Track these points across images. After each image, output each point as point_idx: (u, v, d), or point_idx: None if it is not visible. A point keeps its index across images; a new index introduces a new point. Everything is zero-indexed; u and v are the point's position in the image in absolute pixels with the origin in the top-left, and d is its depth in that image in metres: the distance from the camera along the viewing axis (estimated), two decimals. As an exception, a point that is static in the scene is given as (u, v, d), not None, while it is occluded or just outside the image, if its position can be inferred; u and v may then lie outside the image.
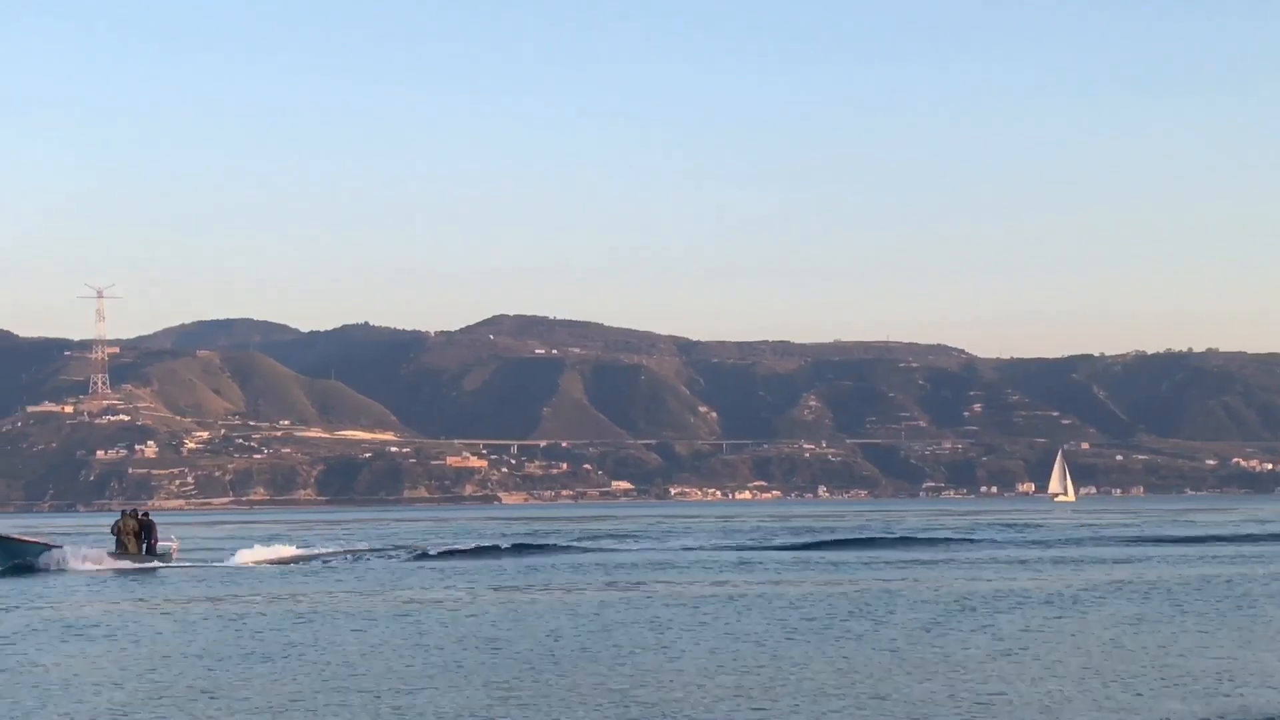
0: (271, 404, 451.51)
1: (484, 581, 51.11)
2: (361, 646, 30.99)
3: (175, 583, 53.16)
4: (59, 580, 55.00)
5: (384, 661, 28.44)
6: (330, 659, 28.90)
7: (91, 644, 32.30)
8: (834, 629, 33.62)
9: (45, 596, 47.08)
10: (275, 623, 36.62)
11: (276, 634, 33.87)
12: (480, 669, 27.17)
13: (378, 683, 25.52)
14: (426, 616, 37.63)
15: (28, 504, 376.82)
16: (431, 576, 54.31)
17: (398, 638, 32.72)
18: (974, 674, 25.85)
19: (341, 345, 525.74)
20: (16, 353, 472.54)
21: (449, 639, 32.30)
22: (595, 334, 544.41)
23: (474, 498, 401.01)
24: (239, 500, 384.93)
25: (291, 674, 26.78)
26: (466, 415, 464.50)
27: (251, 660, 28.97)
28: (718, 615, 37.13)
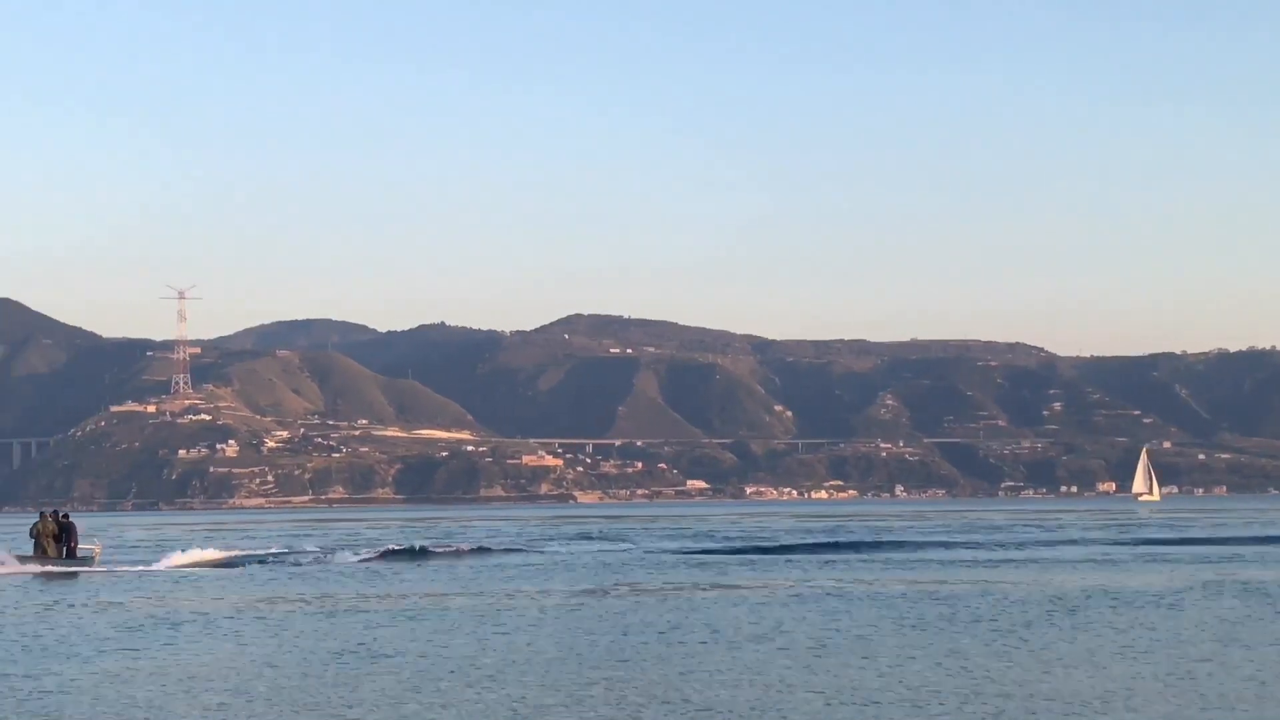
0: (350, 403, 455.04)
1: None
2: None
3: (85, 587, 50.44)
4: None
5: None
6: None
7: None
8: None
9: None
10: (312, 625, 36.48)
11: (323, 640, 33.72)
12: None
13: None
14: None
15: (111, 503, 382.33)
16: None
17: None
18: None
19: (418, 345, 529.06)
20: (100, 353, 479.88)
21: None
22: (670, 333, 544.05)
23: (549, 496, 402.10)
24: (318, 499, 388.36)
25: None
26: (542, 414, 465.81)
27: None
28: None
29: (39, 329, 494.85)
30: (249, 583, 52.35)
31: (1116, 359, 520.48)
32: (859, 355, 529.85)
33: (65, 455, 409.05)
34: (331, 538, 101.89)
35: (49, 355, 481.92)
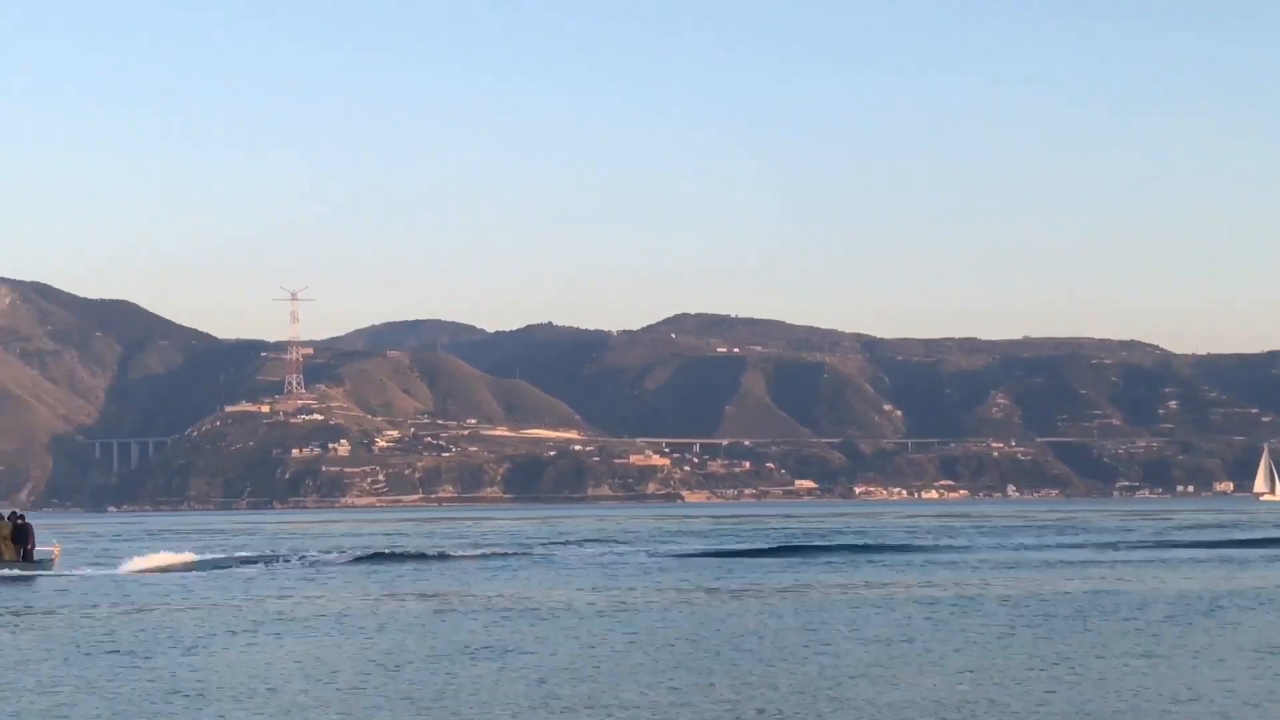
0: (459, 403, 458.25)
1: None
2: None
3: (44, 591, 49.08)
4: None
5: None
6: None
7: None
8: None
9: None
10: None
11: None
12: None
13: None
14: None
15: (226, 501, 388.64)
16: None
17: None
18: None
19: (526, 345, 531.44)
20: (216, 354, 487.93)
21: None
22: (777, 332, 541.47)
23: (657, 496, 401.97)
24: (428, 498, 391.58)
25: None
26: (649, 414, 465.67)
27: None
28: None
29: (156, 331, 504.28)
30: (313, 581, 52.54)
31: (1233, 356, 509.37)
32: (970, 353, 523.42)
33: (181, 455, 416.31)
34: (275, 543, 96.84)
35: (166, 357, 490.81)
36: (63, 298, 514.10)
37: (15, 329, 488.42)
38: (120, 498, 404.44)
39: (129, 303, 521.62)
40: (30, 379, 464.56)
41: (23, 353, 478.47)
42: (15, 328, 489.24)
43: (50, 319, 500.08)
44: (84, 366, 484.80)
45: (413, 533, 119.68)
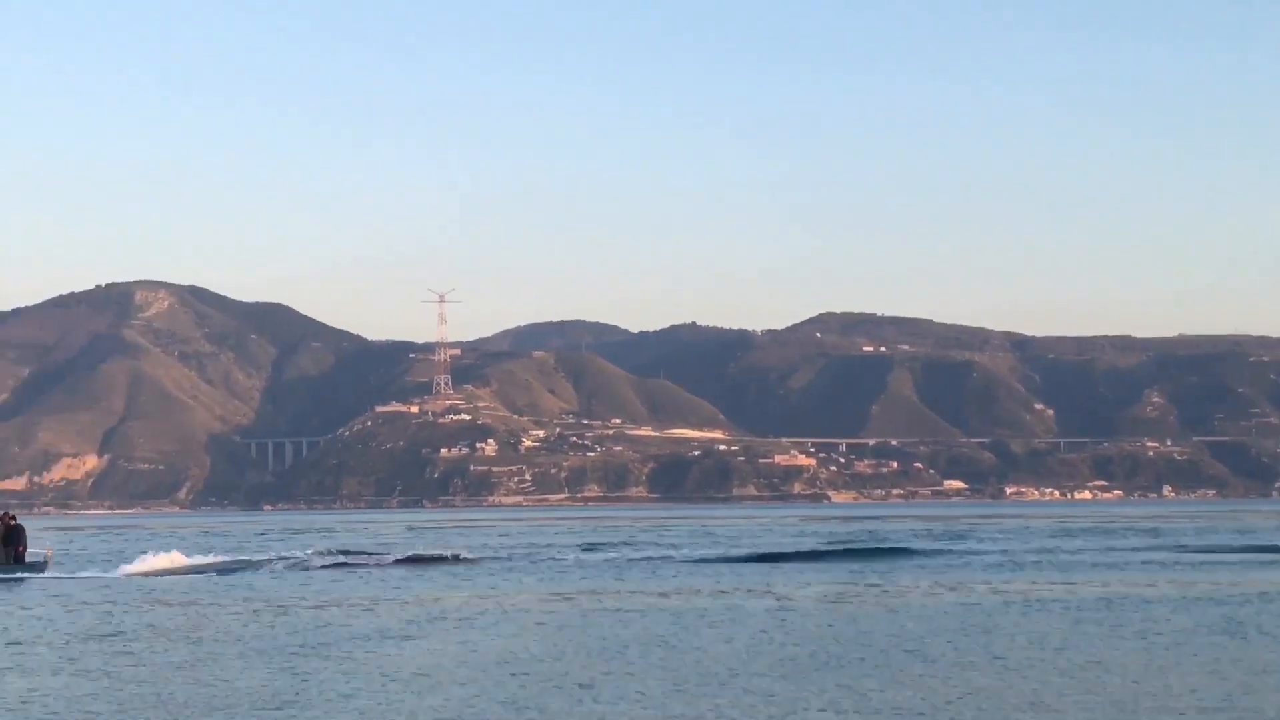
0: (603, 403, 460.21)
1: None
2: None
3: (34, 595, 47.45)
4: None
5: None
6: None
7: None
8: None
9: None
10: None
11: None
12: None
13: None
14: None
15: (377, 500, 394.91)
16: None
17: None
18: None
19: (670, 345, 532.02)
20: (366, 355, 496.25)
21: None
22: (924, 330, 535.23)
23: (803, 496, 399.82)
24: (573, 497, 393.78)
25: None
26: (793, 413, 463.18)
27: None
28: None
29: (308, 333, 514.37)
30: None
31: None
32: (1123, 351, 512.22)
33: (334, 454, 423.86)
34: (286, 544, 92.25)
35: (318, 358, 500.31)
36: (219, 301, 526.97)
37: (174, 332, 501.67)
38: (275, 496, 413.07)
39: (283, 305, 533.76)
40: (189, 380, 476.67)
41: (181, 355, 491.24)
42: (174, 330, 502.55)
43: (207, 322, 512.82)
44: (240, 368, 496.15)
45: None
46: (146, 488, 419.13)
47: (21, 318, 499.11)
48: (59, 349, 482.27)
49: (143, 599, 45.02)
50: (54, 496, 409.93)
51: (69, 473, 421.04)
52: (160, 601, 43.80)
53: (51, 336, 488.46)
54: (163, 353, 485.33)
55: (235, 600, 43.89)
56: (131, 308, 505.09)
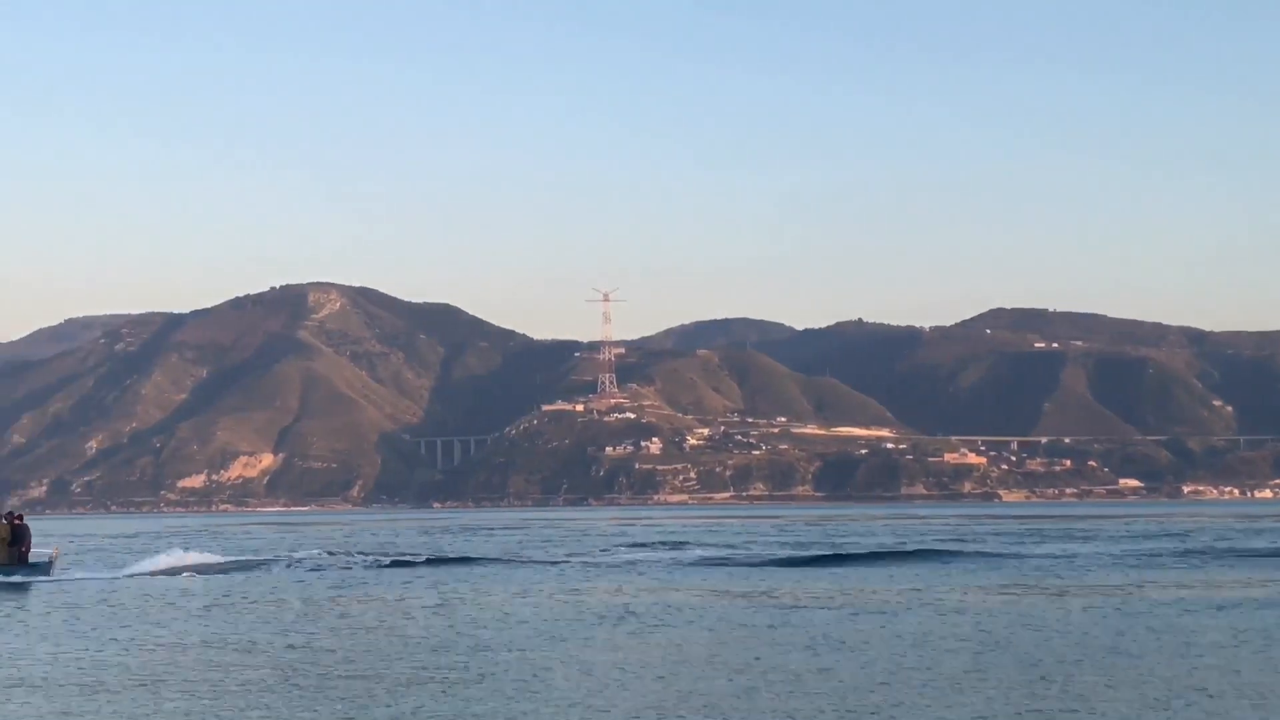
0: (768, 401, 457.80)
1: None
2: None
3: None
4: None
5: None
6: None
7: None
8: None
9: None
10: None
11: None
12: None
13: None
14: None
15: (544, 498, 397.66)
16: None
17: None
18: None
19: (836, 342, 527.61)
20: (532, 354, 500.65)
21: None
22: (1098, 326, 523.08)
23: (973, 495, 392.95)
24: (739, 496, 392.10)
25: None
26: (963, 411, 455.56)
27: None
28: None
29: (475, 333, 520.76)
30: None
31: None
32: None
33: (501, 453, 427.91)
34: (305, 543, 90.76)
35: (485, 357, 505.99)
36: (389, 302, 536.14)
37: (346, 332, 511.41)
38: (445, 494, 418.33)
39: (451, 306, 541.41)
40: (360, 380, 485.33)
41: (352, 355, 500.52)
42: (345, 331, 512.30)
43: (378, 323, 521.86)
44: (409, 367, 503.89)
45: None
46: (320, 486, 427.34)
47: (200, 319, 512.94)
48: (235, 350, 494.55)
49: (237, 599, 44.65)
50: (231, 494, 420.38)
51: (245, 471, 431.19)
52: (280, 602, 43.32)
53: (228, 338, 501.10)
54: (335, 353, 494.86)
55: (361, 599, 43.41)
56: (305, 309, 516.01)
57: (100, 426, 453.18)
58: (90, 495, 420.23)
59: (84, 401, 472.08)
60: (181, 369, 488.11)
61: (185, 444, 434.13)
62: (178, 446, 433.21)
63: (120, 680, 25.74)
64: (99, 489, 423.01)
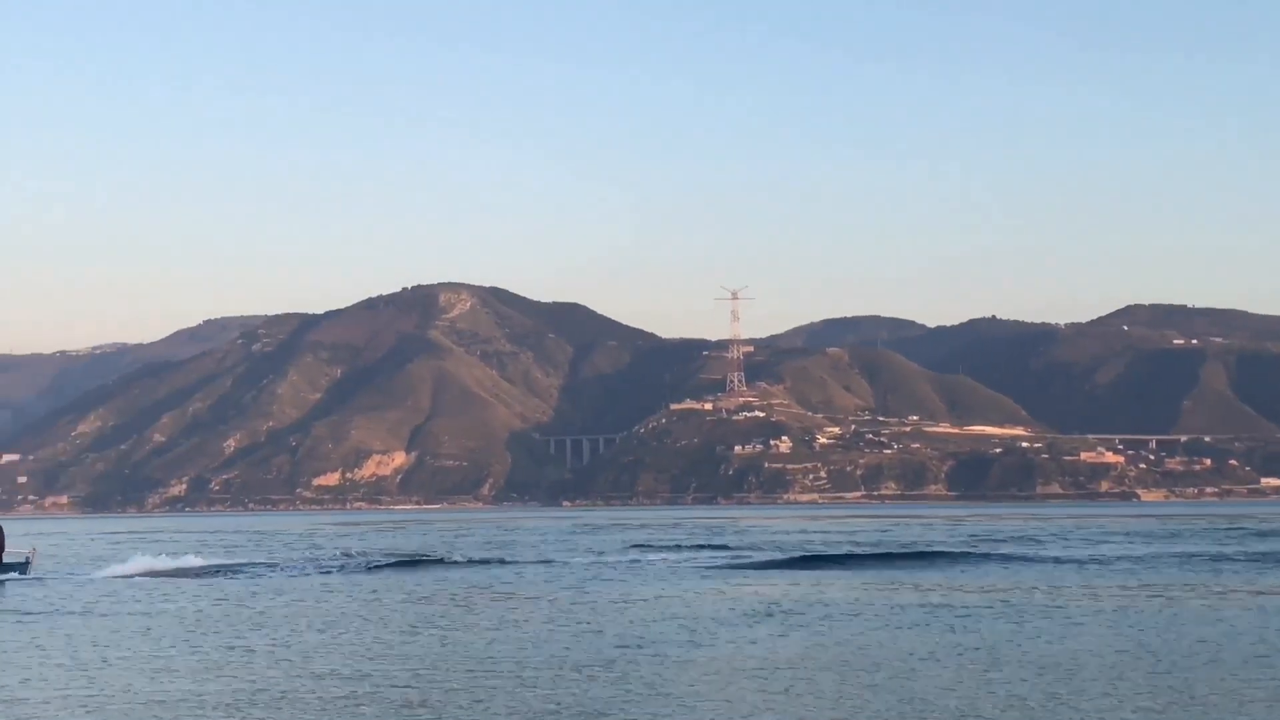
0: (900, 400, 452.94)
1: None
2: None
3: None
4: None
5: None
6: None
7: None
8: None
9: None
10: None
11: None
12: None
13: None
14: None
15: (673, 497, 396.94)
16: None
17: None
18: None
19: (969, 340, 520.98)
20: (660, 353, 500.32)
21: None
22: (1239, 322, 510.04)
23: (1110, 494, 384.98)
24: (870, 495, 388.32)
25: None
26: (1100, 409, 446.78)
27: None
28: None
29: (604, 332, 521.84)
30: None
31: None
32: None
33: (630, 451, 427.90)
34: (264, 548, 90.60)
35: (613, 356, 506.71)
36: (519, 302, 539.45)
37: (476, 332, 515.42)
38: (574, 493, 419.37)
39: (580, 305, 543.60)
40: (490, 379, 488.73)
41: (483, 354, 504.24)
42: (476, 330, 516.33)
43: (507, 322, 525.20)
44: (539, 366, 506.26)
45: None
46: (452, 484, 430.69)
47: (334, 320, 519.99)
48: (369, 350, 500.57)
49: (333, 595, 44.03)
50: (365, 492, 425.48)
51: (379, 469, 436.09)
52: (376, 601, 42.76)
53: (361, 338, 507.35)
54: (465, 352, 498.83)
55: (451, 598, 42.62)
56: (435, 309, 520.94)
57: (238, 425, 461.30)
58: (228, 493, 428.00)
59: (222, 401, 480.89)
60: (316, 369, 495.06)
61: (320, 443, 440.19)
62: (313, 445, 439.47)
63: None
64: (236, 487, 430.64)
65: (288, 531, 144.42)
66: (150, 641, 32.74)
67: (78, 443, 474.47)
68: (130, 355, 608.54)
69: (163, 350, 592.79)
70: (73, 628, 36.81)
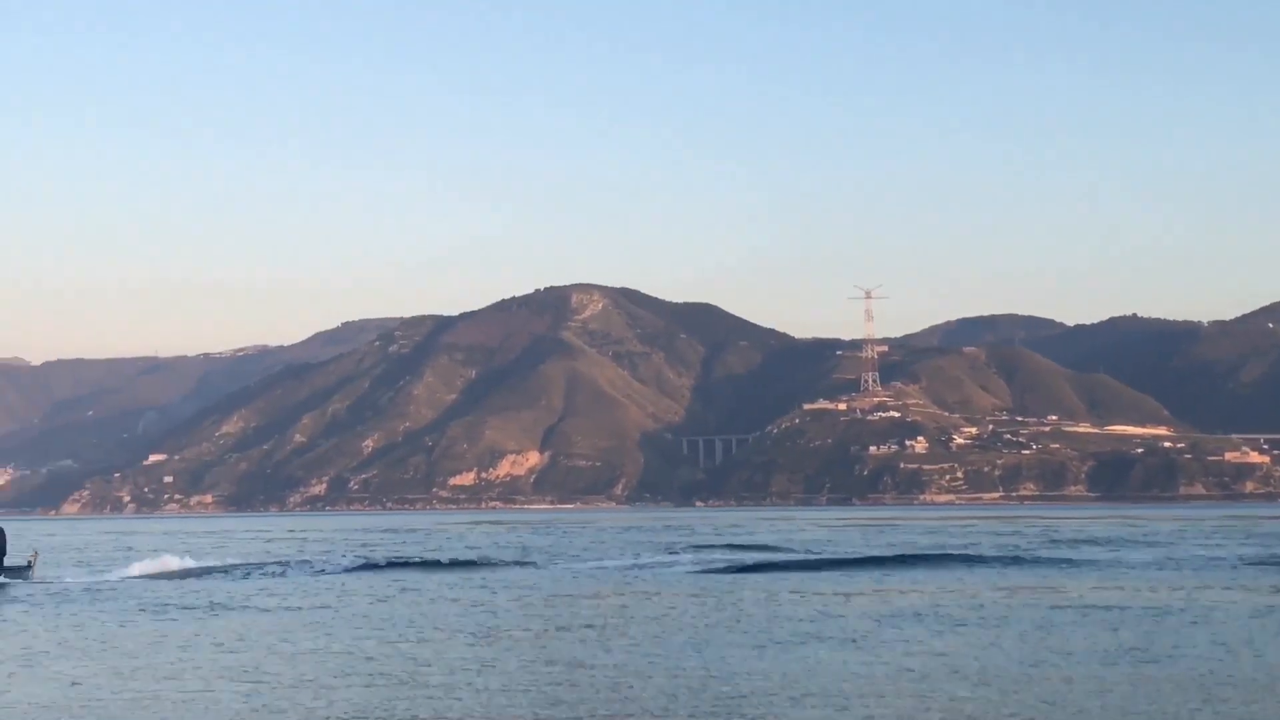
0: (1038, 399, 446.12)
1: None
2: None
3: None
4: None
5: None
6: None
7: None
8: None
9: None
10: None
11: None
12: None
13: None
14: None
15: (807, 497, 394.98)
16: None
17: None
18: None
19: (1109, 338, 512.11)
20: (793, 354, 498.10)
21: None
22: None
23: (1256, 495, 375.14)
24: (1008, 496, 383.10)
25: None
26: (1244, 408, 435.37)
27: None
28: None
29: (736, 332, 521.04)
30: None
31: None
32: None
33: (763, 451, 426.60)
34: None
35: (746, 356, 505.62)
36: (650, 302, 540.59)
37: (608, 332, 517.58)
38: (707, 493, 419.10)
39: (710, 305, 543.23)
40: (622, 380, 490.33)
41: (615, 355, 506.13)
42: (608, 331, 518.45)
43: (639, 323, 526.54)
44: (670, 367, 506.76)
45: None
46: (585, 484, 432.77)
47: (468, 322, 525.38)
48: (502, 351, 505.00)
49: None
50: (500, 492, 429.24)
51: (513, 469, 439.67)
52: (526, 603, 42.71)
53: (495, 339, 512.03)
54: (597, 353, 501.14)
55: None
56: (568, 310, 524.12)
57: (375, 426, 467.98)
58: (367, 492, 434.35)
59: (360, 402, 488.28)
60: (451, 370, 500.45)
61: (455, 443, 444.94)
62: (448, 445, 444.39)
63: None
64: (375, 486, 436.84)
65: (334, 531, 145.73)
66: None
67: (221, 443, 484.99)
68: (271, 357, 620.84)
69: (302, 352, 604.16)
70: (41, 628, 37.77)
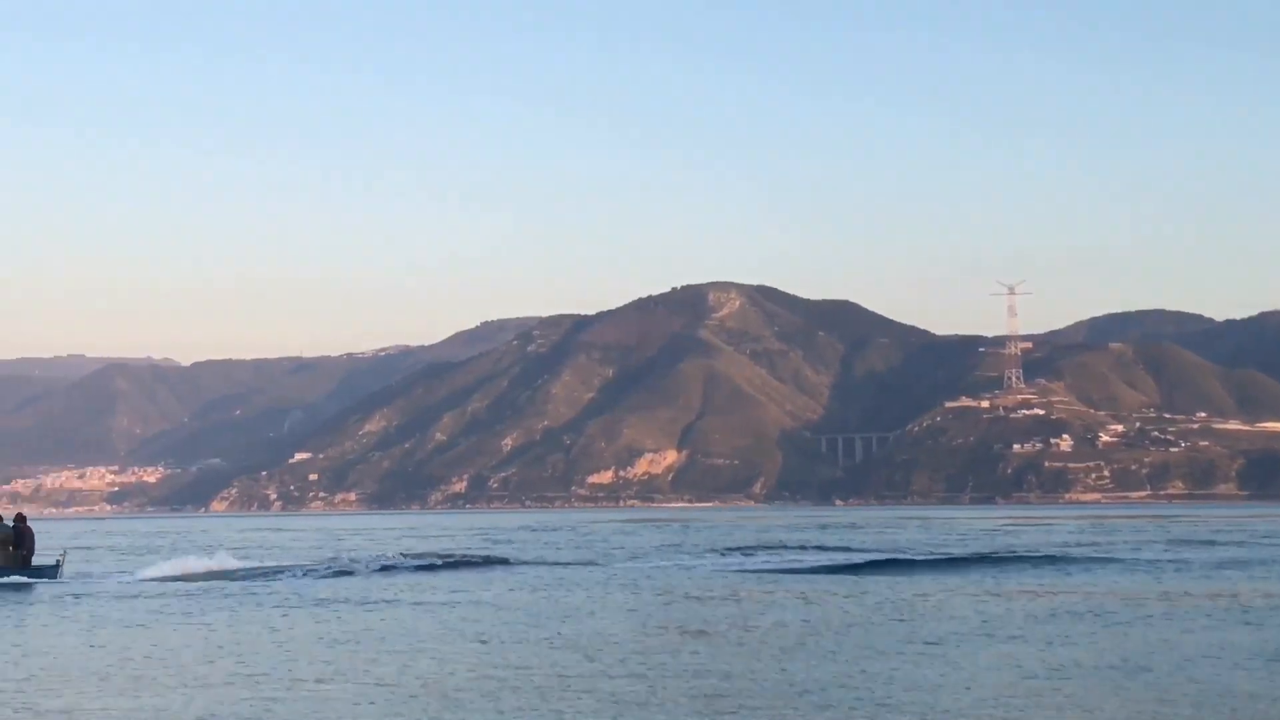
0: (1186, 396, 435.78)
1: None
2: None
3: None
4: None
5: None
6: None
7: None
8: None
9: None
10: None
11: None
12: None
13: None
14: None
15: (949, 496, 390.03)
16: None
17: None
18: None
19: (1260, 333, 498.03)
20: (934, 350, 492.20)
21: None
22: None
23: None
24: (1155, 495, 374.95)
25: None
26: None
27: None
28: None
29: (876, 329, 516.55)
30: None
31: None
32: None
33: (904, 450, 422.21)
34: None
35: (886, 354, 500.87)
36: (788, 300, 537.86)
37: (745, 330, 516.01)
38: (846, 492, 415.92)
39: (850, 303, 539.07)
40: (760, 378, 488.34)
41: (752, 353, 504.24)
42: (745, 329, 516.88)
43: (777, 320, 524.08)
44: (809, 365, 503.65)
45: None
46: (723, 483, 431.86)
47: (606, 320, 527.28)
48: (640, 349, 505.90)
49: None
50: (638, 490, 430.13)
51: (651, 467, 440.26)
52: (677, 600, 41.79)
53: (633, 338, 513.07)
54: (735, 351, 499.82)
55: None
56: (705, 308, 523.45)
57: (514, 424, 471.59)
58: (506, 491, 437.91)
59: (499, 401, 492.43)
60: (589, 369, 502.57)
61: (593, 441, 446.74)
62: (586, 444, 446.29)
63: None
64: (514, 485, 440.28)
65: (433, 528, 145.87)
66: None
67: (364, 441, 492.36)
68: (412, 357, 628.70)
69: (443, 351, 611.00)
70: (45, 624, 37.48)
